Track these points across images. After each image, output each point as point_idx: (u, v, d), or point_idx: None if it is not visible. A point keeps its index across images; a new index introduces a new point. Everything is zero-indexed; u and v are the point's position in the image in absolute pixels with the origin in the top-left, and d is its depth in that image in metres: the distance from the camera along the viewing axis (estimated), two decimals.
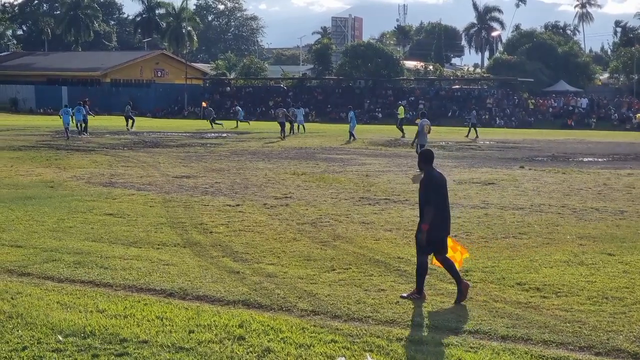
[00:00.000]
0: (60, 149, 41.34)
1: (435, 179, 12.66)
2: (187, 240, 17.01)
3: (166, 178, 28.55)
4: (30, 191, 24.46)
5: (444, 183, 12.84)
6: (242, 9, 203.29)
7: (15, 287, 12.71)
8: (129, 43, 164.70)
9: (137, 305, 11.74)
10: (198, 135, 57.13)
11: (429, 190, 12.44)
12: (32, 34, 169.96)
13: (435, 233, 12.37)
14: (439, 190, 12.58)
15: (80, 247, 15.97)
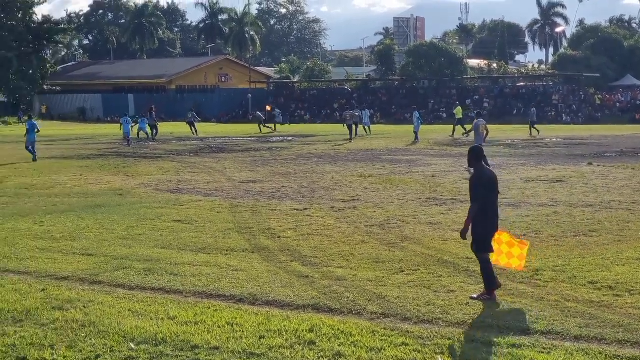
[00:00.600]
0: (128, 156, 41.75)
1: (485, 176, 12.61)
2: (256, 245, 17.05)
3: (233, 183, 28.66)
4: (100, 199, 24.72)
5: (495, 180, 12.76)
6: (304, 12, 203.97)
7: (87, 295, 12.85)
8: (193, 49, 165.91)
9: (208, 312, 11.80)
10: (263, 140, 57.33)
11: (479, 188, 12.45)
12: (97, 44, 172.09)
13: (490, 230, 12.48)
14: (489, 188, 12.56)
15: (149, 255, 16.09)
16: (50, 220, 20.73)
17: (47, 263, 15.44)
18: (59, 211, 22.36)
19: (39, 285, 13.58)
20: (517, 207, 21.81)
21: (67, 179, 30.51)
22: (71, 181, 29.89)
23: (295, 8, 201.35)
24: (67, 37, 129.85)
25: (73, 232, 18.84)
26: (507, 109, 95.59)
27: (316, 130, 70.74)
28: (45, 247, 17.08)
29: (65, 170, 34.26)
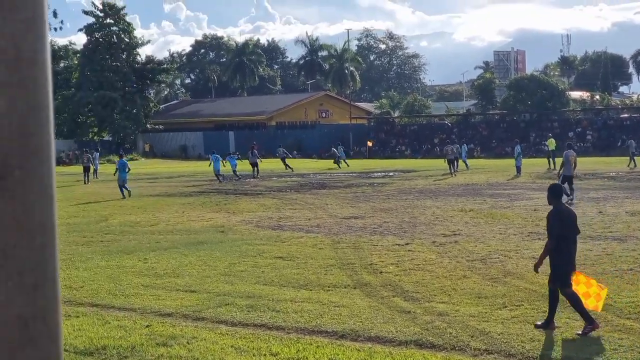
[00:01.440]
0: (229, 193, 42.13)
1: (562, 213, 12.89)
2: (357, 281, 17.02)
3: (334, 219, 28.70)
4: (202, 236, 24.98)
5: (573, 218, 13.03)
6: (403, 48, 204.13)
7: (190, 331, 12.95)
8: (292, 86, 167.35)
9: (310, 348, 11.79)
10: (364, 175, 57.37)
11: (556, 224, 12.67)
12: (199, 82, 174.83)
13: (570, 266, 12.71)
14: (567, 225, 12.76)
15: (251, 291, 16.17)
16: (153, 257, 21.01)
17: (151, 299, 15.64)
18: (162, 248, 22.65)
19: (143, 321, 13.75)
20: (623, 241, 21.40)
21: (170, 216, 30.91)
22: (174, 218, 30.27)
23: (394, 43, 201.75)
24: (170, 76, 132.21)
25: (176, 269, 19.05)
26: (611, 141, 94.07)
27: (416, 166, 70.55)
28: (149, 284, 17.30)
29: (168, 207, 34.73)
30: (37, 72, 2.15)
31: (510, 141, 79.64)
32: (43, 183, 2.17)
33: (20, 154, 2.11)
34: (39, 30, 2.13)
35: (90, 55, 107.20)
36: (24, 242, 2.15)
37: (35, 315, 2.19)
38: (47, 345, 2.24)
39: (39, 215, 2.16)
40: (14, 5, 2.10)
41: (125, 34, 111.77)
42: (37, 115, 2.15)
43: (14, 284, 2.16)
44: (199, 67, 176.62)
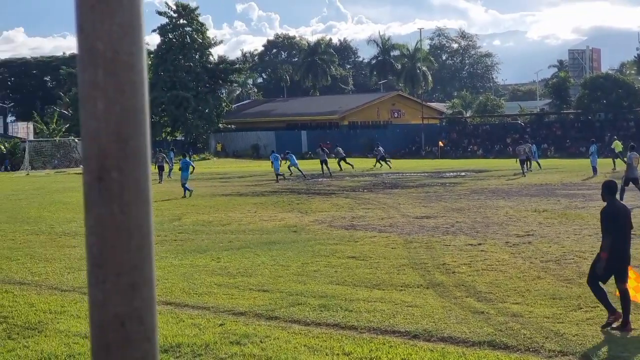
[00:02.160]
0: (302, 193, 42.23)
1: (616, 210, 12.99)
2: (430, 281, 16.97)
3: (407, 219, 28.64)
4: (274, 236, 25.07)
5: (627, 214, 13.09)
6: (476, 47, 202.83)
7: (263, 330, 13.02)
8: (365, 85, 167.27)
9: (382, 348, 11.79)
10: (436, 175, 57.15)
11: (609, 221, 12.75)
12: (271, 82, 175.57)
13: (614, 262, 12.68)
14: (620, 221, 12.83)
15: (324, 291, 16.20)
16: (226, 256, 21.15)
17: (224, 298, 15.75)
18: (235, 247, 22.80)
19: (216, 320, 13.86)
20: None
21: (242, 216, 31.08)
22: (246, 218, 30.44)
23: (467, 42, 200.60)
24: (242, 76, 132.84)
25: (249, 269, 19.16)
26: None
27: (489, 165, 70.05)
28: (222, 283, 17.42)
29: (240, 207, 34.92)
30: (134, 76, 2.19)
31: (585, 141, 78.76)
32: (139, 185, 2.21)
33: (117, 156, 2.16)
34: (135, 34, 2.18)
35: (164, 55, 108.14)
36: (122, 243, 2.19)
37: (132, 316, 2.23)
38: (143, 345, 2.28)
39: (135, 217, 2.21)
40: (111, 9, 2.15)
41: (198, 34, 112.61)
42: (133, 118, 2.19)
43: (111, 284, 2.20)
44: (271, 67, 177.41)
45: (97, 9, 2.15)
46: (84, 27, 2.19)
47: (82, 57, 2.23)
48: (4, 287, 17.50)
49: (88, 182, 2.25)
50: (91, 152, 2.19)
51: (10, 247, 24.01)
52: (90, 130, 2.18)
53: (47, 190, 49.44)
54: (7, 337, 13.22)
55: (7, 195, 46.02)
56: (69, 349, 12.27)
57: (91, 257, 2.28)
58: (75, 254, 22.34)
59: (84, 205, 2.32)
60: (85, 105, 2.20)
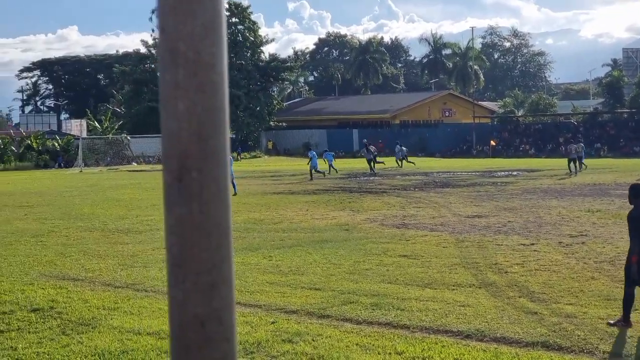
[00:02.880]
0: (354, 191, 42.22)
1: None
2: (482, 280, 16.89)
3: (458, 218, 28.54)
4: (326, 234, 25.08)
5: None
6: (528, 45, 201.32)
7: (315, 329, 13.03)
8: (416, 84, 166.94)
9: (435, 347, 11.75)
10: (488, 174, 56.84)
11: (638, 224, 12.74)
12: (322, 80, 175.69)
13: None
14: None
15: (376, 289, 16.18)
16: (278, 254, 21.19)
17: (276, 296, 15.78)
18: (286, 246, 22.83)
19: (268, 317, 13.88)
20: None
21: (294, 214, 31.13)
22: (298, 216, 30.47)
23: (519, 41, 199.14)
24: (293, 74, 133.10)
25: (301, 267, 19.18)
26: None
27: (541, 165, 69.53)
28: (274, 281, 17.45)
29: (292, 205, 34.98)
30: (215, 76, 2.20)
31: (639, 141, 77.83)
32: (218, 184, 2.22)
33: (197, 156, 2.17)
34: (216, 35, 2.18)
35: None
36: (201, 242, 2.20)
37: (212, 316, 2.24)
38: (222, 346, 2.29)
39: (215, 216, 2.21)
40: (192, 9, 2.15)
41: (250, 32, 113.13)
42: (214, 118, 2.19)
43: (191, 284, 2.21)
44: (322, 65, 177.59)
45: (179, 9, 2.16)
46: (165, 28, 2.20)
47: (163, 57, 2.24)
48: (58, 283, 17.67)
49: (168, 182, 2.26)
50: (171, 152, 2.20)
51: (64, 244, 24.25)
52: (171, 130, 2.19)
53: (100, 188, 49.91)
54: (61, 332, 13.35)
55: (61, 192, 46.50)
56: (123, 345, 12.36)
57: (171, 256, 2.29)
58: (127, 250, 22.51)
59: (164, 205, 2.33)
60: (166, 106, 2.21)
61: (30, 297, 16.20)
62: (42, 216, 32.26)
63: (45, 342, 12.74)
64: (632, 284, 12.87)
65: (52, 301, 15.72)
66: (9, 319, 14.38)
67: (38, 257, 21.62)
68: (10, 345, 12.68)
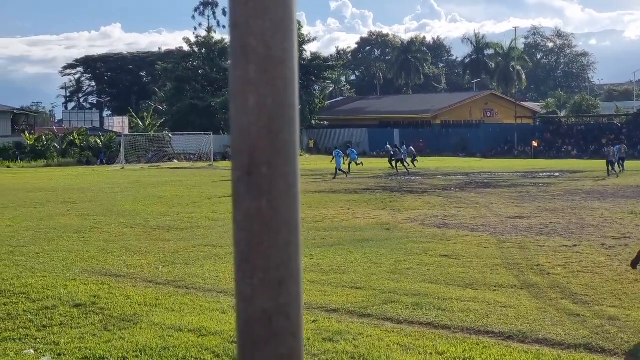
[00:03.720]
0: (395, 191, 42.17)
1: None
2: (524, 281, 16.80)
3: (499, 218, 28.42)
4: (367, 233, 25.05)
5: None
6: (571, 46, 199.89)
7: (356, 328, 13.01)
8: (457, 84, 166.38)
9: (476, 348, 11.70)
10: (529, 175, 56.53)
11: None
12: (364, 79, 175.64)
13: None
14: None
15: (417, 289, 16.14)
16: (319, 253, 21.18)
17: (317, 295, 15.77)
18: (327, 245, 22.82)
19: (309, 316, 13.87)
20: None
21: (335, 213, 31.12)
22: (339, 215, 30.46)
23: (562, 41, 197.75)
24: (335, 73, 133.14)
25: (342, 265, 19.17)
26: None
27: (583, 166, 69.04)
28: (315, 280, 17.45)
29: (333, 204, 34.98)
30: (286, 71, 2.20)
31: None
32: (288, 181, 2.22)
33: (267, 151, 2.17)
34: (287, 30, 2.18)
35: None
36: (270, 238, 2.21)
37: (279, 311, 2.24)
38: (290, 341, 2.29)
39: (284, 213, 2.22)
40: (264, 5, 2.16)
41: None
42: (284, 114, 2.19)
43: (259, 280, 2.22)
44: (364, 65, 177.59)
45: (251, 5, 2.16)
46: (237, 23, 2.21)
47: (234, 53, 2.24)
48: (101, 279, 17.79)
49: (237, 177, 2.27)
50: (241, 147, 2.20)
51: (106, 240, 24.41)
52: (241, 126, 2.20)
53: (142, 184, 50.20)
54: (103, 328, 13.43)
55: (103, 188, 46.81)
56: (164, 341, 12.42)
57: (239, 252, 2.30)
58: (169, 247, 22.62)
59: (233, 200, 2.33)
60: (236, 101, 2.21)
61: (72, 292, 16.32)
62: (85, 212, 32.50)
63: (88, 338, 12.83)
64: None
65: (94, 297, 15.83)
66: (51, 314, 14.50)
67: (80, 252, 21.78)
68: (53, 340, 12.77)
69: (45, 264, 19.93)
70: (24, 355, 12.00)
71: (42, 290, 16.56)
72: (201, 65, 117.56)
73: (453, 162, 73.60)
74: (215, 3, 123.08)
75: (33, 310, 14.82)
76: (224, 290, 16.37)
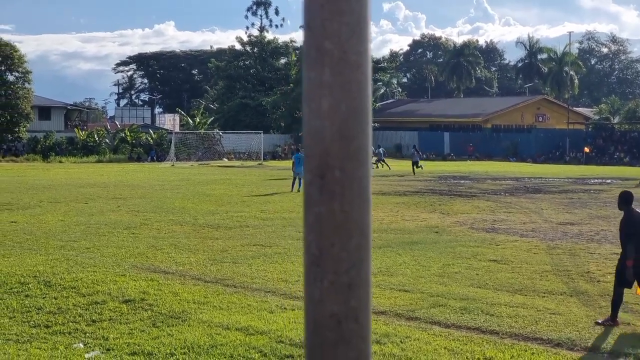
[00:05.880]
0: (444, 194, 42.00)
1: (635, 218, 13.97)
2: (574, 289, 16.67)
3: (549, 224, 28.20)
4: (416, 236, 24.99)
5: None
6: (627, 52, 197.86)
7: (403, 330, 12.98)
8: (509, 88, 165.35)
9: (524, 355, 11.65)
10: (581, 182, 56.03)
11: (630, 229, 13.86)
12: (415, 82, 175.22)
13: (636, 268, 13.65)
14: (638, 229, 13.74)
15: (465, 293, 16.08)
16: None
17: None
18: (376, 246, 22.75)
19: None
20: None
21: (384, 215, 31.05)
22: (388, 217, 30.40)
23: (617, 47, 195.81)
24: (387, 75, 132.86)
25: (390, 268, 19.13)
26: None
27: (636, 174, 68.23)
28: None
29: (383, 206, 34.89)
30: (360, 75, 2.19)
31: None
32: (360, 184, 2.21)
33: (340, 155, 2.16)
34: (362, 34, 2.17)
35: None
36: (341, 242, 2.20)
37: (348, 315, 2.23)
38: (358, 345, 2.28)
39: (356, 217, 2.21)
40: (340, 8, 2.15)
41: None
42: (357, 118, 2.18)
43: (329, 283, 2.21)
44: (416, 67, 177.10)
45: (326, 8, 2.15)
46: (311, 26, 2.20)
47: (309, 55, 2.24)
48: (150, 276, 17.90)
49: (309, 180, 2.26)
50: (314, 151, 2.19)
51: (155, 237, 24.56)
52: (314, 129, 2.19)
53: (191, 182, 50.43)
54: (151, 324, 13.52)
55: (153, 185, 47.11)
56: (212, 339, 12.46)
57: (309, 255, 2.29)
58: (217, 246, 22.70)
59: (304, 202, 2.33)
60: (310, 104, 2.21)
61: (122, 288, 16.44)
62: (135, 208, 32.72)
63: (136, 333, 12.92)
64: (622, 286, 13.79)
65: (143, 293, 15.94)
66: (101, 309, 14.63)
67: (130, 248, 21.94)
68: (102, 335, 12.89)
69: (96, 259, 20.11)
70: (74, 349, 12.11)
71: (92, 285, 16.71)
72: (253, 64, 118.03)
73: (503, 166, 73.22)
74: (268, 3, 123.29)
75: (83, 305, 14.97)
76: (271, 289, 16.42)
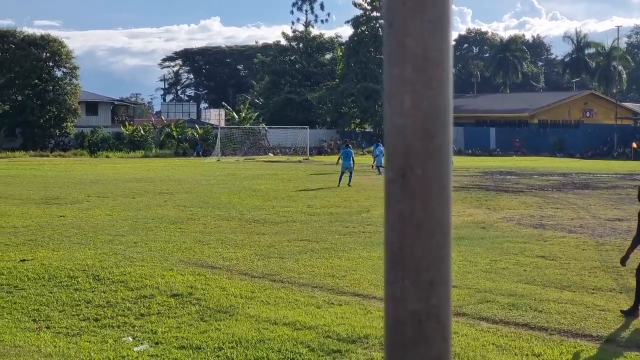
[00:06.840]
0: (490, 189, 41.80)
1: None
2: (623, 285, 16.52)
3: (598, 220, 27.96)
4: (462, 231, 24.87)
5: None
6: None
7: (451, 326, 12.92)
8: (556, 83, 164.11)
9: (573, 351, 11.55)
10: (629, 177, 55.51)
11: None
12: (461, 77, 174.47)
13: None
14: None
15: (513, 289, 15.98)
16: None
17: None
18: None
19: None
20: None
21: None
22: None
23: None
24: None
25: None
26: None
27: None
28: None
29: None
30: (441, 73, 2.18)
31: None
32: (442, 183, 2.20)
33: (422, 153, 2.16)
34: (444, 30, 2.17)
35: (356, 47, 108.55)
36: (422, 240, 2.19)
37: (429, 313, 2.23)
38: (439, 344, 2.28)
39: (437, 215, 2.20)
40: (422, 5, 2.14)
41: None
42: (439, 116, 2.18)
43: (410, 281, 2.21)
44: (462, 62, 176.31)
45: (408, 4, 2.15)
46: (393, 23, 2.20)
47: (390, 52, 2.24)
48: (197, 270, 17.98)
49: (390, 178, 2.26)
50: (395, 149, 2.19)
51: (202, 231, 24.66)
52: (396, 127, 2.19)
53: (237, 177, 50.62)
54: (199, 318, 13.58)
55: (199, 180, 47.34)
56: (259, 334, 12.49)
57: (390, 253, 2.29)
58: (264, 241, 22.75)
59: (385, 201, 2.33)
60: (392, 101, 2.20)
61: (170, 282, 16.53)
62: (181, 203, 32.89)
63: (184, 327, 12.99)
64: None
65: (191, 287, 16.01)
66: (149, 303, 14.72)
67: (177, 243, 22.05)
68: (150, 328, 12.97)
69: (143, 253, 20.24)
70: (123, 342, 12.19)
71: (140, 279, 16.82)
72: (298, 59, 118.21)
73: (550, 162, 72.74)
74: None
75: (131, 299, 15.08)
76: (318, 285, 16.43)
